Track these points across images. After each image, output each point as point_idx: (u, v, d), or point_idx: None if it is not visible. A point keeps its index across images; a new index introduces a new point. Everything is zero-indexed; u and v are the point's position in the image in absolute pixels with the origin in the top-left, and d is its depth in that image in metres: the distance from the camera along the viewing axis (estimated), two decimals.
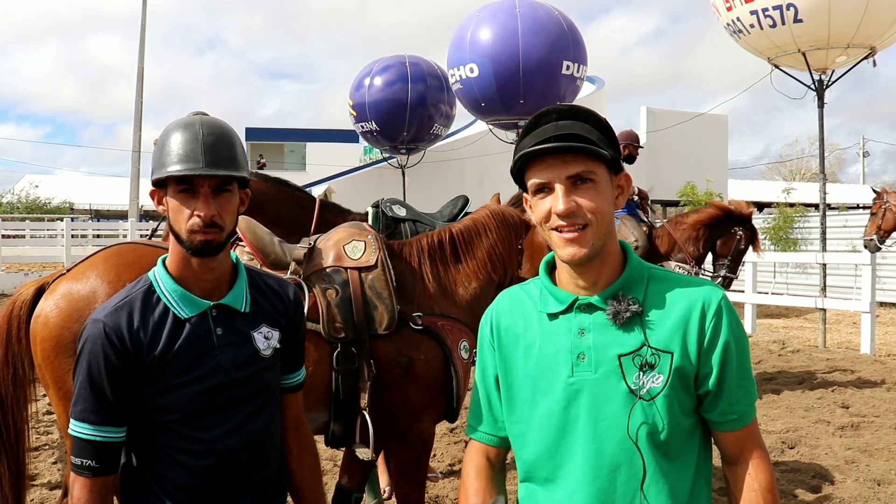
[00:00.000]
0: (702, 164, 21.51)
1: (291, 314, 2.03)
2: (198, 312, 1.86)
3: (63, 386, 2.95)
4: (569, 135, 1.64)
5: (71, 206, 41.57)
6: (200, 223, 1.78)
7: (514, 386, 1.80)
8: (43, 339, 2.96)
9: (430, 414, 3.17)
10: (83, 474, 1.79)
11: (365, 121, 16.00)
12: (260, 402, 1.92)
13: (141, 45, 28.45)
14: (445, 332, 3.10)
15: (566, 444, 1.70)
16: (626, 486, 1.65)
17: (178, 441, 1.83)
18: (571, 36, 13.10)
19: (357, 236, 3.23)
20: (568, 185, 1.64)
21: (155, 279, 1.89)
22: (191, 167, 1.77)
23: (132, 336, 1.80)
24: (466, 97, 13.46)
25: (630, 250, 1.78)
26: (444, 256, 3.30)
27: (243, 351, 1.89)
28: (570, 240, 1.64)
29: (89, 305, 2.93)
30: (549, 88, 12.78)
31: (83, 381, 1.80)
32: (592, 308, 1.70)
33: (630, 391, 1.64)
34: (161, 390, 1.81)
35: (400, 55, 16.23)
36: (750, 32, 10.26)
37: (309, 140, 33.24)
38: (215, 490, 1.85)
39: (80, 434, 1.79)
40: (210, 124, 1.85)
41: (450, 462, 5.58)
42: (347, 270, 3.09)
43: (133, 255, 3.07)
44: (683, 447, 1.68)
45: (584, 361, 1.68)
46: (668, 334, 1.66)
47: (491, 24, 12.91)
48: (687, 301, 1.68)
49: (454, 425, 6.51)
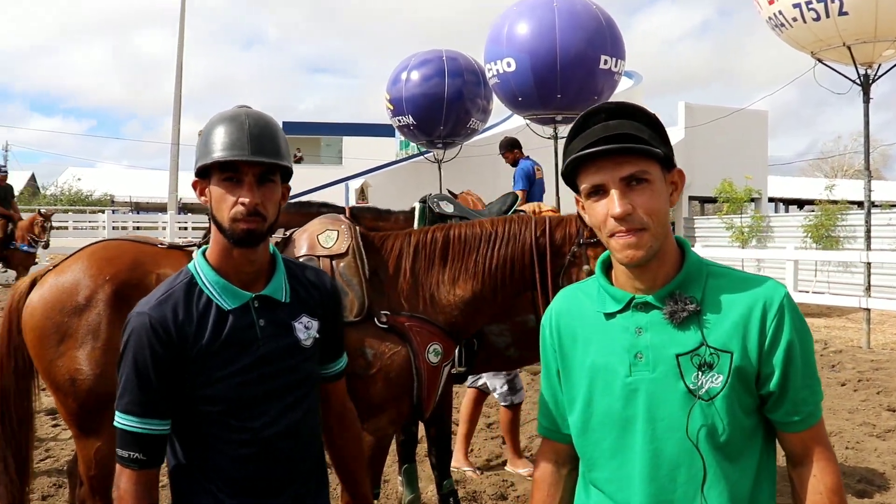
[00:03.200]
0: (740, 161, 21.22)
1: (329, 303, 2.03)
2: (240, 304, 1.86)
3: (50, 375, 3.03)
4: (619, 135, 1.60)
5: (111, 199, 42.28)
6: (244, 211, 1.77)
7: (574, 386, 1.78)
8: (30, 328, 3.06)
9: (391, 413, 3.11)
10: (130, 466, 1.79)
11: (402, 115, 16.02)
12: (301, 393, 1.93)
13: (180, 40, 28.78)
14: (413, 333, 3.04)
15: (625, 443, 1.67)
16: (686, 487, 1.62)
17: (224, 431, 1.84)
18: (609, 30, 12.98)
19: (331, 226, 3.23)
20: (622, 186, 1.60)
21: (196, 271, 1.89)
22: (236, 154, 1.77)
23: (178, 328, 1.80)
24: (503, 92, 13.41)
25: (688, 247, 1.74)
26: (432, 255, 3.16)
27: (285, 341, 1.90)
28: (627, 243, 1.61)
29: (72, 297, 3.02)
30: (587, 83, 12.69)
31: (129, 374, 1.80)
32: (649, 307, 1.67)
33: (688, 391, 1.61)
34: (206, 382, 1.82)
35: (437, 50, 16.22)
36: (792, 26, 10.07)
37: (346, 134, 33.36)
38: (260, 480, 1.87)
39: (125, 426, 1.79)
40: (255, 116, 1.86)
41: (487, 458, 5.56)
42: (320, 259, 3.08)
43: (116, 251, 3.18)
44: (745, 448, 1.64)
45: (642, 361, 1.65)
46: (728, 333, 1.62)
47: (528, 18, 12.83)
48: (747, 299, 1.63)
49: (491, 421, 6.49)
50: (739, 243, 17.77)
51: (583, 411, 1.75)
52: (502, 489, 4.90)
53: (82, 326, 2.98)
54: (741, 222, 18.27)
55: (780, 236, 17.53)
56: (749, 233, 17.92)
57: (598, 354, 1.72)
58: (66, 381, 2.97)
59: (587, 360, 1.74)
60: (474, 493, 4.85)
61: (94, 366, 2.95)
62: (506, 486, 4.97)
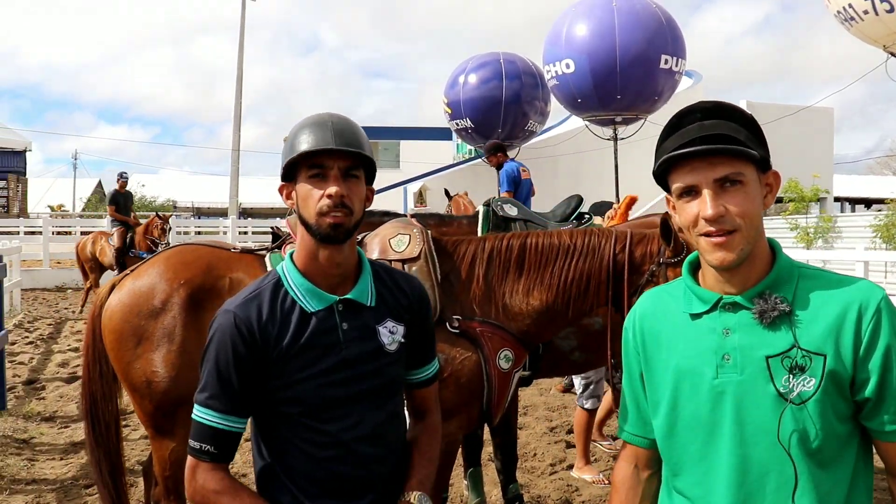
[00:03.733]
0: (805, 160, 20.73)
1: (416, 308, 2.02)
2: (324, 306, 1.86)
3: (127, 377, 3.10)
4: (715, 135, 1.57)
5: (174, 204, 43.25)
6: (331, 203, 1.79)
7: (658, 389, 1.75)
8: (109, 331, 3.14)
9: (461, 418, 3.08)
10: (202, 458, 1.81)
11: (460, 118, 16.04)
12: (384, 397, 1.92)
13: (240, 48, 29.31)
14: (484, 339, 3.02)
15: (712, 448, 1.63)
16: (776, 494, 1.57)
17: (305, 433, 1.85)
18: (669, 29, 12.80)
19: (403, 230, 3.23)
20: (715, 188, 1.57)
21: (283, 273, 1.91)
22: (321, 145, 1.80)
23: (261, 328, 1.82)
24: (562, 93, 13.32)
25: (779, 248, 1.69)
26: (507, 263, 3.10)
27: (368, 345, 1.89)
28: (718, 244, 1.57)
29: (148, 300, 3.09)
30: (647, 83, 12.53)
31: (211, 370, 1.82)
32: (738, 307, 1.62)
33: (779, 394, 1.56)
34: (286, 384, 1.83)
35: (495, 52, 16.20)
36: (863, 19, 9.81)
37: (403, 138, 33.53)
38: (342, 482, 1.86)
39: (203, 420, 1.81)
40: (339, 116, 1.90)
41: (550, 462, 5.51)
42: (392, 263, 3.07)
43: (192, 255, 3.25)
44: (839, 455, 1.58)
45: (730, 362, 1.60)
46: (821, 336, 1.56)
47: (587, 19, 12.74)
48: (842, 301, 1.57)
49: (554, 424, 6.45)
50: (804, 244, 17.36)
51: (667, 415, 1.72)
52: (567, 494, 4.85)
53: (158, 329, 3.04)
54: (807, 222, 17.84)
55: (848, 237, 17.07)
56: (815, 233, 17.49)
57: (683, 356, 1.68)
58: (142, 382, 3.04)
59: (672, 363, 1.70)
60: (539, 498, 4.81)
61: (170, 368, 3.01)
62: (570, 490, 4.92)
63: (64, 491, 4.99)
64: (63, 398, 7.48)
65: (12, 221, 25.56)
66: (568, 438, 6.04)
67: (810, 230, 17.54)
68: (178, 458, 3.03)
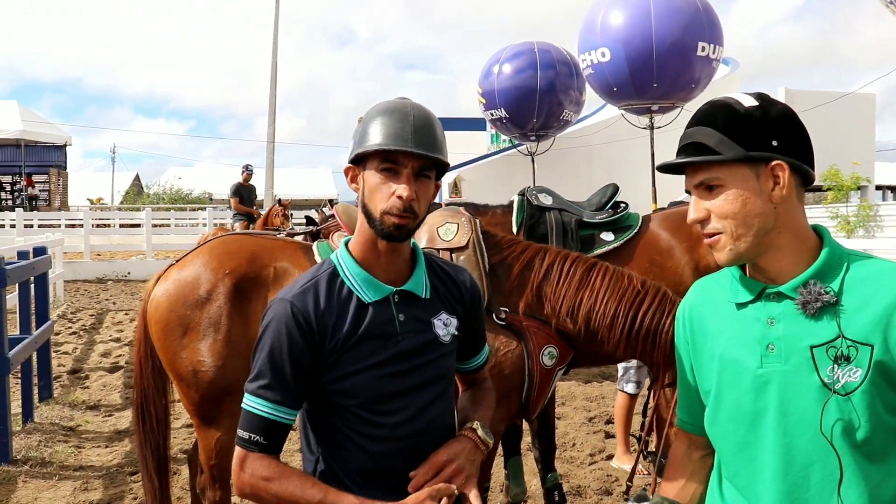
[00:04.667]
0: (846, 147, 20.33)
1: (468, 301, 2.00)
2: (381, 297, 1.84)
3: (174, 367, 3.12)
4: (687, 145, 1.66)
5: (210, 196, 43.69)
6: (400, 205, 1.75)
7: (706, 378, 1.76)
8: (155, 321, 3.16)
9: (500, 410, 3.01)
10: (251, 449, 1.77)
11: (494, 108, 15.97)
12: (438, 389, 1.91)
13: (274, 41, 29.45)
14: (530, 333, 2.99)
15: (756, 437, 1.63)
16: (821, 485, 1.56)
17: (359, 425, 1.82)
18: (706, 16, 12.58)
19: (451, 219, 3.21)
20: (700, 192, 1.65)
21: (338, 262, 1.88)
22: (399, 144, 1.76)
23: (318, 318, 1.78)
24: (598, 82, 13.18)
25: (827, 235, 1.67)
26: (565, 286, 2.97)
27: (423, 337, 1.87)
28: (710, 245, 1.66)
29: (194, 290, 3.11)
30: (684, 71, 12.32)
31: (264, 359, 1.78)
32: (782, 297, 1.62)
33: (823, 385, 1.55)
34: (342, 375, 1.80)
35: (529, 42, 16.12)
36: None
37: None
38: (394, 476, 1.84)
39: (254, 409, 1.77)
40: (419, 108, 1.85)
41: (589, 452, 5.51)
42: (439, 252, 3.06)
43: (235, 245, 3.26)
44: (888, 447, 1.56)
45: (774, 352, 1.60)
46: (869, 325, 1.54)
47: (622, 6, 12.56)
48: (891, 290, 1.55)
49: (592, 414, 6.44)
50: (845, 233, 17.07)
51: (712, 404, 1.73)
52: (607, 484, 4.85)
53: (204, 319, 3.07)
54: (847, 211, 17.54)
55: (890, 225, 16.76)
56: (856, 222, 17.19)
57: (727, 346, 1.69)
58: (188, 372, 3.07)
59: (717, 352, 1.71)
60: (579, 488, 4.81)
61: (216, 358, 3.04)
62: (610, 480, 4.92)
63: (110, 478, 5.10)
64: (106, 387, 7.63)
65: (54, 214, 26.07)
66: (607, 429, 6.04)
67: (851, 219, 17.24)
68: (224, 447, 3.06)
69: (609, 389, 7.21)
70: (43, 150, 34.42)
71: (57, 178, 32.85)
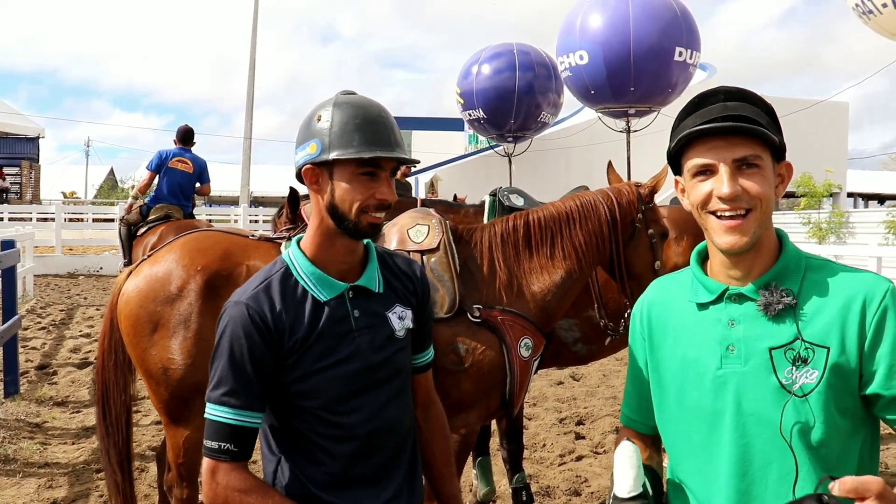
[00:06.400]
0: (819, 154, 20.61)
1: (420, 293, 2.00)
2: (335, 295, 1.83)
3: (143, 364, 3.07)
4: (739, 115, 1.58)
5: None
6: (377, 205, 1.78)
7: (664, 377, 1.76)
8: (125, 317, 3.11)
9: (480, 409, 3.07)
10: (222, 458, 1.72)
11: (472, 108, 16.02)
12: (396, 385, 1.90)
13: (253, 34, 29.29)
14: (506, 328, 3.00)
15: (714, 438, 1.64)
16: (778, 485, 1.57)
17: (320, 427, 1.80)
18: (684, 21, 12.73)
19: (421, 220, 3.20)
20: (733, 168, 1.58)
21: (291, 261, 1.86)
22: (386, 150, 1.77)
23: (275, 319, 1.76)
24: (575, 85, 13.27)
25: (786, 238, 1.69)
26: (516, 243, 3.12)
27: (380, 333, 1.86)
28: (731, 227, 1.58)
29: (165, 287, 3.06)
30: (661, 75, 12.47)
31: (224, 365, 1.74)
32: (743, 298, 1.63)
33: (781, 386, 1.56)
34: (302, 375, 1.78)
35: (509, 43, 16.17)
36: (882, 13, 9.73)
37: (415, 128, 33.50)
38: (358, 476, 1.83)
39: (219, 418, 1.73)
40: (381, 107, 1.84)
41: (560, 452, 5.52)
42: (410, 254, 3.05)
43: (208, 241, 3.22)
44: (842, 451, 1.57)
45: (734, 353, 1.61)
46: (825, 328, 1.55)
47: (601, 9, 12.67)
48: (847, 292, 1.57)
49: (563, 416, 6.45)
50: (817, 239, 17.27)
51: (672, 404, 1.73)
52: (576, 485, 4.86)
53: (174, 316, 3.02)
54: (819, 217, 17.75)
55: (861, 232, 16.98)
56: (828, 228, 17.40)
57: (689, 346, 1.69)
58: (158, 370, 3.02)
59: (678, 352, 1.71)
60: (548, 488, 4.82)
61: (186, 355, 3.00)
62: (579, 481, 4.92)
63: (76, 475, 5.03)
64: (75, 383, 7.53)
65: (25, 208, 25.70)
66: (577, 430, 6.05)
67: (823, 225, 17.45)
68: (192, 445, 3.03)
69: (581, 391, 7.23)
70: (14, 142, 33.99)
71: (29, 171, 32.44)
